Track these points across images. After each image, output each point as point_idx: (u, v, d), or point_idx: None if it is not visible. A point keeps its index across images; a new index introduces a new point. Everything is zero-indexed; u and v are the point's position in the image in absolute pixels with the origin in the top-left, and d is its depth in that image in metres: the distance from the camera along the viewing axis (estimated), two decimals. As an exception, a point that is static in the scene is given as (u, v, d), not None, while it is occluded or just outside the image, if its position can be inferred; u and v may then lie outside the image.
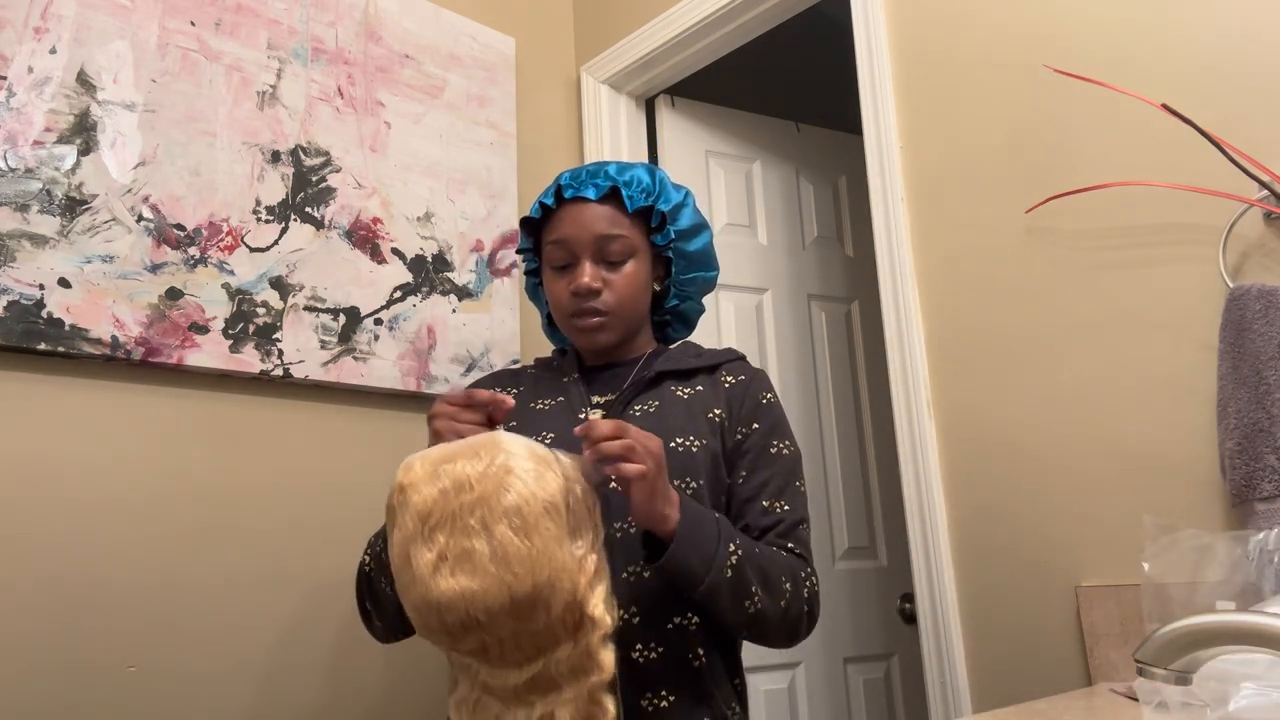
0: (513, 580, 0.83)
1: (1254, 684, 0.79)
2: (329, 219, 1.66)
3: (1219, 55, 1.28)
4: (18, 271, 1.31)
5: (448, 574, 0.83)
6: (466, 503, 0.84)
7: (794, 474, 1.15)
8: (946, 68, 1.60)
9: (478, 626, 0.84)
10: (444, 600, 0.83)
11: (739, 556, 1.00)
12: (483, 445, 0.88)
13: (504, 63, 2.02)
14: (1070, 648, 1.34)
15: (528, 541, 0.84)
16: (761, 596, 1.01)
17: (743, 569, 1.00)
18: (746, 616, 1.01)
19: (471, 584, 0.83)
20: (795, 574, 1.07)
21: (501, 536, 0.83)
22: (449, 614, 0.83)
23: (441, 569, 0.83)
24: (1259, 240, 1.22)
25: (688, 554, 0.96)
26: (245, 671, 1.46)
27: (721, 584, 0.98)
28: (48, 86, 1.38)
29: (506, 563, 0.83)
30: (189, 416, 1.47)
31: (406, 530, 0.86)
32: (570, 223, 1.19)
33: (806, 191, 2.41)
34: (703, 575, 0.96)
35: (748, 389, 1.18)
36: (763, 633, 1.05)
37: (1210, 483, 1.23)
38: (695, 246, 1.25)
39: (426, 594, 0.84)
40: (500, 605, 0.83)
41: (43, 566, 1.30)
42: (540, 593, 0.84)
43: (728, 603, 0.99)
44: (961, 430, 1.51)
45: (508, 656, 0.87)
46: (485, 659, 0.88)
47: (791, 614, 1.06)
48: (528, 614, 0.84)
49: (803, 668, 2.07)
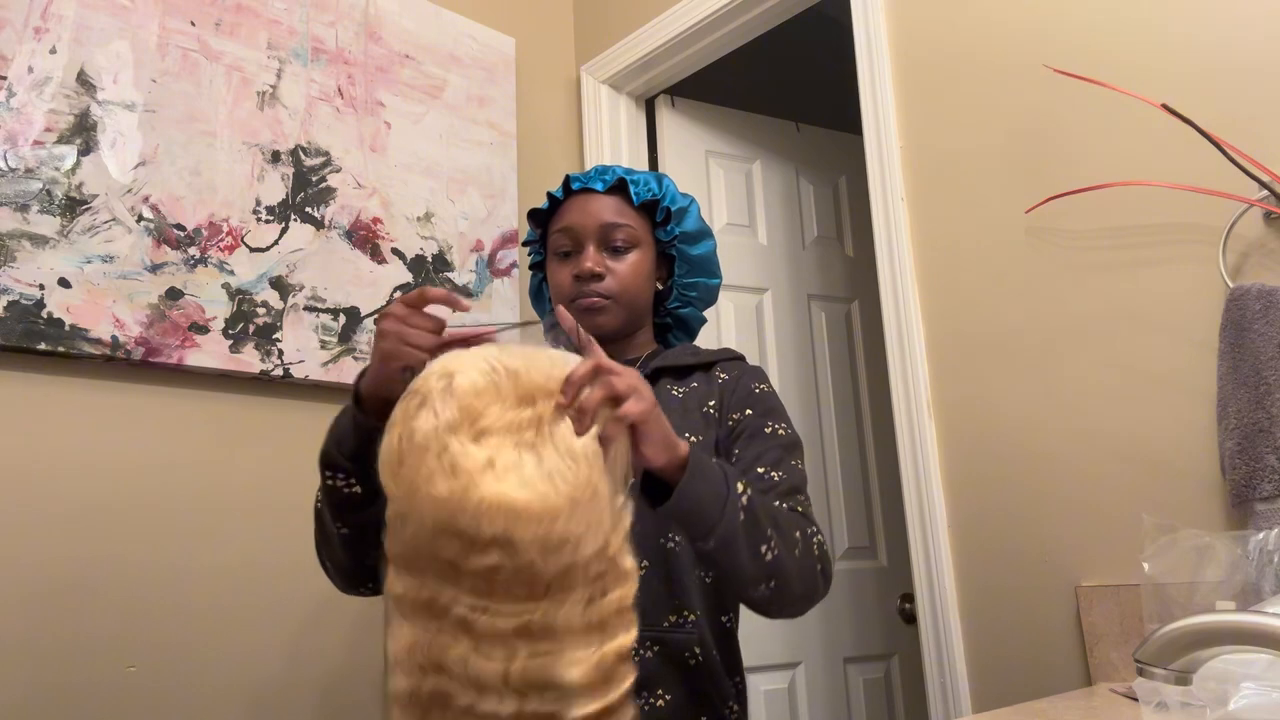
0: (558, 505, 0.75)
1: (1254, 684, 0.79)
2: (329, 219, 1.66)
3: (1219, 55, 1.28)
4: (18, 271, 1.31)
5: (494, 480, 0.74)
6: (526, 418, 0.78)
7: (791, 452, 1.12)
8: (946, 68, 1.60)
9: (504, 546, 0.74)
10: (485, 506, 0.73)
11: (750, 497, 0.95)
12: (543, 359, 0.82)
13: (504, 63, 2.02)
14: (1070, 648, 1.34)
15: (580, 472, 0.77)
16: (778, 542, 0.96)
17: (755, 510, 0.95)
18: (764, 567, 0.95)
19: (521, 496, 0.74)
20: (802, 526, 1.02)
21: (551, 455, 0.77)
22: (486, 522, 0.73)
23: (489, 473, 0.74)
24: (1259, 240, 1.22)
25: (699, 486, 0.90)
26: (245, 671, 1.45)
27: (736, 527, 0.92)
28: (48, 86, 1.38)
29: (555, 485, 0.75)
30: (189, 416, 1.47)
31: (444, 418, 0.76)
32: (577, 211, 1.20)
33: (806, 191, 2.41)
34: (716, 515, 0.91)
35: (739, 380, 1.18)
36: (782, 590, 0.98)
37: (1210, 483, 1.23)
38: (699, 251, 1.26)
39: (465, 494, 0.73)
40: (539, 527, 0.74)
41: (43, 566, 1.30)
42: (579, 527, 0.77)
43: (744, 551, 0.93)
44: (961, 430, 1.51)
45: (512, 591, 0.76)
46: (486, 589, 0.76)
47: (806, 567, 1.00)
48: (557, 547, 0.76)
49: (803, 668, 2.07)
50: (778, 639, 2.03)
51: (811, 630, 2.10)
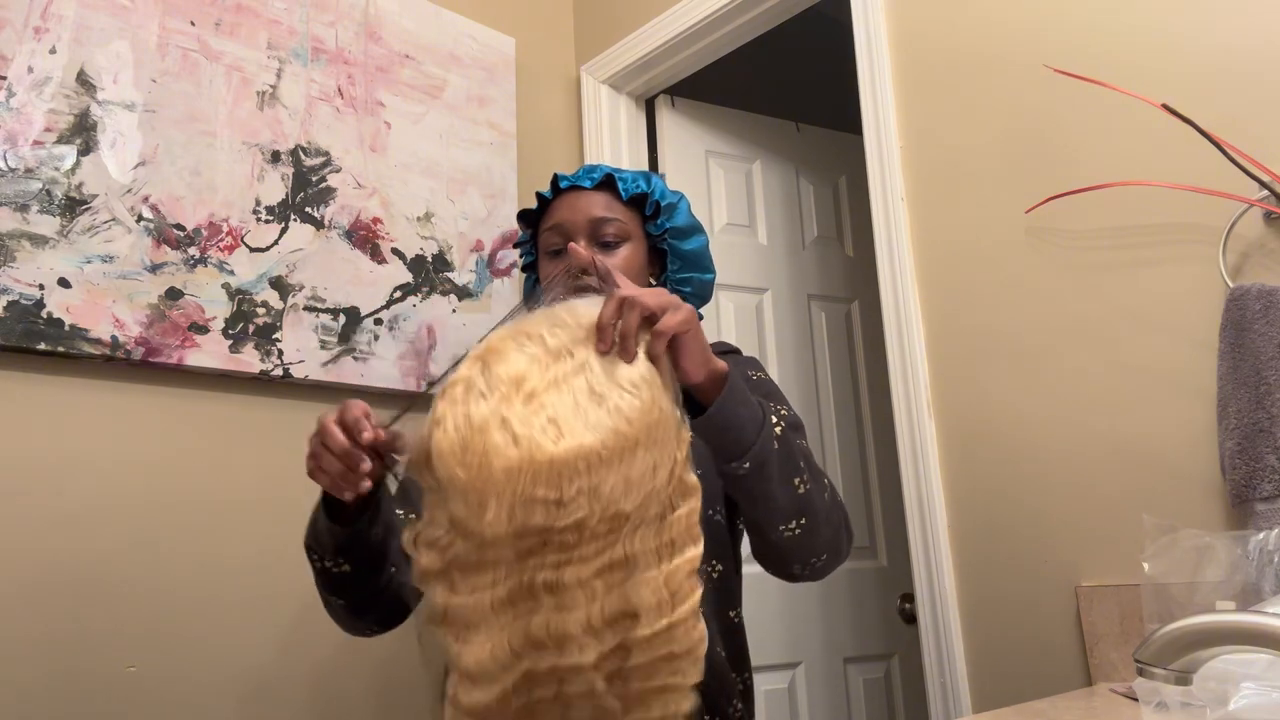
0: (634, 435, 0.73)
1: (1254, 684, 0.79)
2: (329, 219, 1.66)
3: (1219, 55, 1.28)
4: (18, 271, 1.31)
5: (559, 434, 0.72)
6: (569, 369, 0.76)
7: (797, 432, 1.09)
8: (946, 67, 1.60)
9: (590, 493, 0.72)
10: (560, 460, 0.71)
11: (784, 429, 0.93)
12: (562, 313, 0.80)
13: (504, 63, 2.02)
14: (1070, 648, 1.34)
15: (644, 395, 0.76)
16: (810, 477, 0.94)
17: (789, 442, 0.93)
18: (797, 500, 0.93)
19: (593, 439, 0.72)
20: (827, 479, 1.01)
21: (611, 392, 0.75)
22: (567, 476, 0.71)
23: (550, 430, 0.72)
24: (1259, 240, 1.22)
25: (736, 407, 0.87)
26: (245, 671, 1.45)
27: (771, 453, 0.90)
28: (48, 86, 1.38)
29: (624, 418, 0.74)
30: (189, 416, 1.47)
31: (492, 397, 0.73)
32: (566, 208, 1.20)
33: (806, 191, 2.41)
34: (753, 437, 0.88)
35: (734, 369, 1.17)
36: (811, 532, 0.95)
37: (1210, 483, 1.23)
38: (691, 246, 1.25)
39: (535, 456, 0.71)
40: (620, 465, 0.73)
41: (42, 566, 1.30)
42: (654, 452, 0.75)
43: (776, 479, 0.91)
44: (961, 430, 1.51)
45: (596, 536, 0.74)
46: (574, 542, 0.73)
47: (835, 515, 0.99)
48: (639, 480, 0.74)
49: (803, 668, 2.07)
50: (778, 639, 2.03)
51: (811, 630, 2.10)
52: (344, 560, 0.98)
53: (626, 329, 0.79)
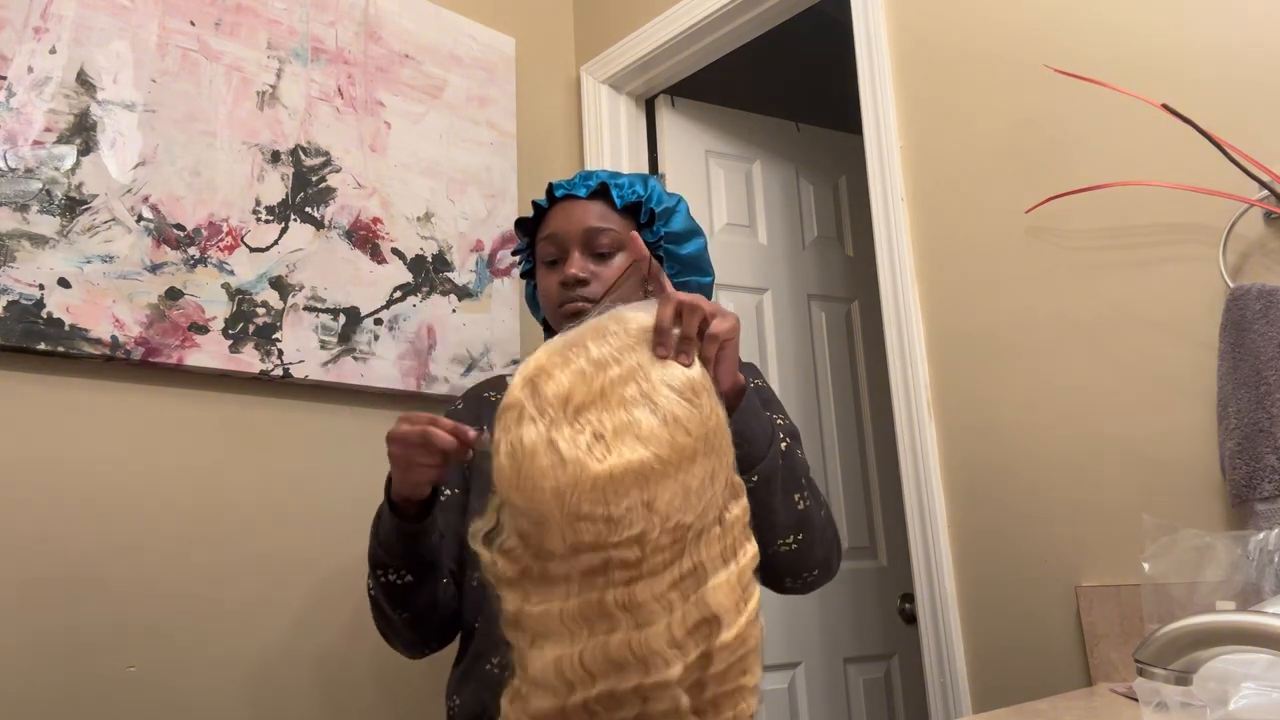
0: (687, 440, 0.72)
1: (1254, 684, 0.79)
2: (329, 219, 1.66)
3: (1219, 55, 1.28)
4: (18, 271, 1.31)
5: (606, 451, 0.71)
6: (616, 376, 0.75)
7: (794, 441, 1.10)
8: (946, 67, 1.60)
9: (646, 507, 0.71)
10: (611, 478, 0.70)
11: (787, 443, 0.95)
12: (608, 321, 0.80)
13: (504, 63, 2.02)
14: (1070, 648, 1.34)
15: (704, 403, 0.75)
16: (810, 494, 0.97)
17: (792, 459, 0.95)
18: (796, 516, 0.95)
19: (644, 453, 0.71)
20: (823, 497, 1.03)
21: (666, 400, 0.74)
22: (613, 495, 0.70)
23: (596, 449, 0.71)
24: (1259, 240, 1.22)
25: (750, 420, 0.89)
26: (245, 672, 1.45)
27: (777, 467, 0.92)
28: (48, 86, 1.38)
29: (678, 423, 0.73)
30: (189, 416, 1.47)
31: (544, 418, 0.73)
32: (560, 218, 1.20)
33: (806, 191, 2.41)
34: (763, 450, 0.90)
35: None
36: (808, 548, 0.97)
37: (1210, 483, 1.23)
38: (688, 250, 1.25)
39: (580, 477, 0.70)
40: (676, 476, 0.72)
41: (42, 566, 1.30)
42: (714, 454, 0.75)
43: (779, 493, 0.93)
44: (961, 430, 1.51)
45: (661, 550, 0.73)
46: (638, 559, 0.72)
47: (829, 533, 1.01)
48: (699, 489, 0.74)
49: (803, 668, 2.07)
50: (778, 639, 2.03)
51: (811, 630, 2.10)
52: (406, 571, 1.04)
53: (688, 332, 0.79)
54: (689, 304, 0.79)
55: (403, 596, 1.08)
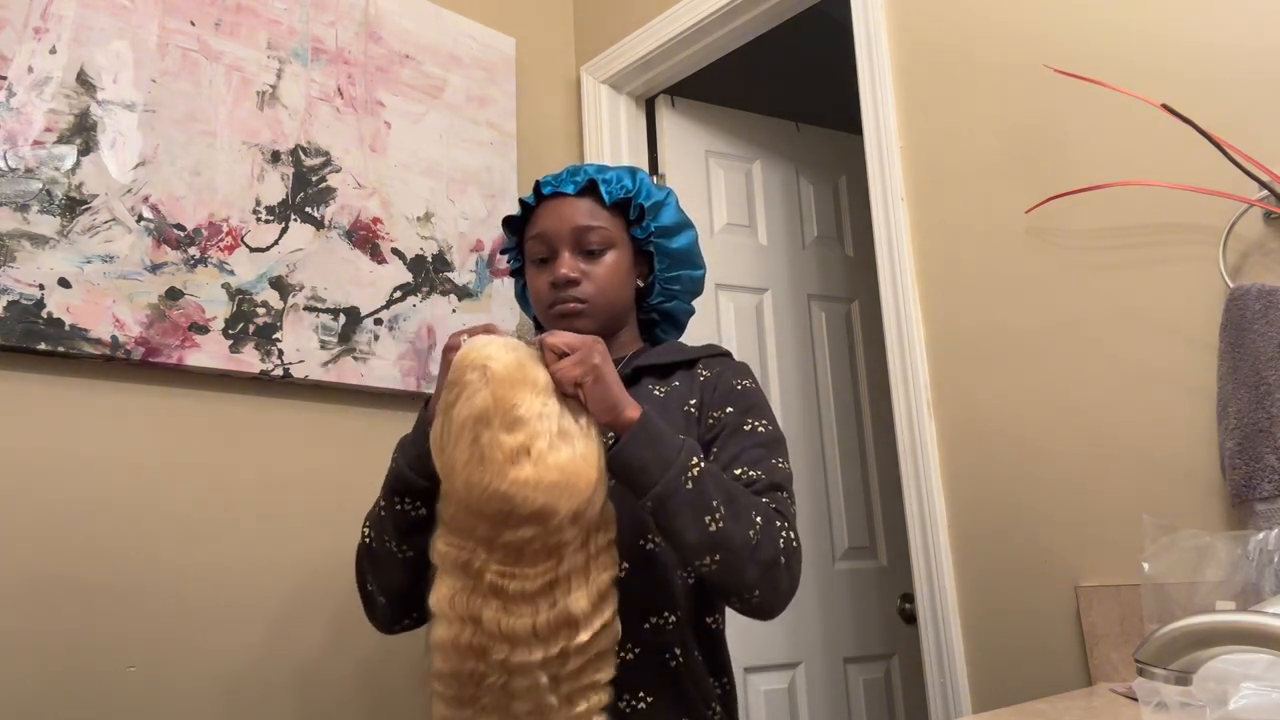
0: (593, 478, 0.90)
1: (1254, 684, 0.79)
2: (329, 219, 1.66)
3: (1219, 55, 1.28)
4: (18, 271, 1.31)
5: (528, 465, 0.87)
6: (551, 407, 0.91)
7: (772, 450, 1.10)
8: (946, 67, 1.60)
9: (543, 520, 0.88)
10: (514, 490, 0.86)
11: (702, 470, 0.96)
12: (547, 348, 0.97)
13: (504, 63, 2.02)
14: (1070, 648, 1.34)
15: (592, 443, 0.92)
16: (725, 516, 0.95)
17: (705, 483, 0.95)
18: (709, 536, 0.94)
19: (553, 477, 0.87)
20: (769, 519, 1.00)
21: (577, 432, 0.92)
22: (520, 503, 0.87)
23: (523, 459, 0.87)
24: (1259, 240, 1.22)
25: (640, 450, 0.95)
26: (245, 671, 1.46)
27: (677, 491, 0.94)
28: (48, 86, 1.38)
29: (587, 462, 0.91)
30: (189, 416, 1.47)
31: (477, 408, 0.88)
32: (549, 216, 1.18)
33: (806, 191, 2.41)
34: (657, 476, 0.94)
35: (720, 376, 1.16)
36: (732, 565, 0.96)
37: (1210, 483, 1.23)
38: (678, 244, 1.24)
39: (492, 482, 0.86)
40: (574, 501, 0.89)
41: (42, 566, 1.30)
42: (596, 490, 0.91)
43: (686, 517, 0.94)
44: (961, 430, 1.51)
45: (537, 557, 0.90)
46: (515, 558, 0.90)
47: (764, 553, 0.97)
48: (584, 513, 0.91)
49: (803, 668, 2.07)
50: (778, 639, 2.03)
51: (811, 630, 2.10)
52: (422, 504, 1.05)
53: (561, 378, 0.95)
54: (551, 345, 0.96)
55: (414, 530, 1.04)
